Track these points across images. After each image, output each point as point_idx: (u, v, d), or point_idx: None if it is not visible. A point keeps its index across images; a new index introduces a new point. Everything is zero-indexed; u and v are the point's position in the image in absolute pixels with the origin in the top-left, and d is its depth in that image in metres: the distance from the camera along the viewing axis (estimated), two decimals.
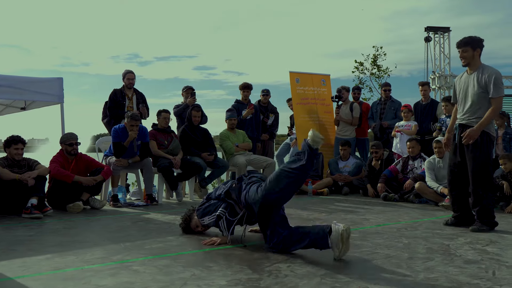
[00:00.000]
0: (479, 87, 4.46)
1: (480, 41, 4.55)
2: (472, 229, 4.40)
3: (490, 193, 4.53)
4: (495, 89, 4.38)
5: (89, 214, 5.54)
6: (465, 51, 4.52)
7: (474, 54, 4.51)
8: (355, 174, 7.86)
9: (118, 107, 7.13)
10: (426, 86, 8.31)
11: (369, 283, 2.70)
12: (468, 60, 4.54)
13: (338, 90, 8.67)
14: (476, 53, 4.52)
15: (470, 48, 4.51)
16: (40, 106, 7.99)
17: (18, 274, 2.93)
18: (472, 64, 4.55)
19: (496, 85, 4.39)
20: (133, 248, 3.64)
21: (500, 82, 4.46)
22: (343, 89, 8.72)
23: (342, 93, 8.61)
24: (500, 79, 4.47)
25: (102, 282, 2.75)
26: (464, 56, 4.53)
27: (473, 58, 4.52)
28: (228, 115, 7.70)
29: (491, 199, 4.50)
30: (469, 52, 4.51)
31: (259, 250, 3.58)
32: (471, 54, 4.51)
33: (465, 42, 4.52)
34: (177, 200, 6.85)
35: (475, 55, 4.51)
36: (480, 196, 4.46)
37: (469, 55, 4.51)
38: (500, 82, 4.47)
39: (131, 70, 7.37)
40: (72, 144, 5.91)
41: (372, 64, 17.74)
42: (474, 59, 4.52)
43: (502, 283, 2.71)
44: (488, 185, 4.49)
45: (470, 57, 4.52)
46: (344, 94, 8.65)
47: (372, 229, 4.49)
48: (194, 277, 2.82)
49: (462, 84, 4.65)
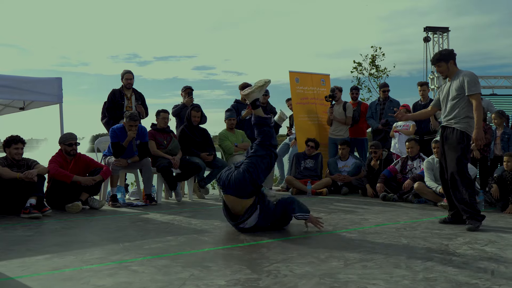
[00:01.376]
0: (455, 89, 4.73)
1: (450, 53, 4.89)
2: (468, 229, 4.48)
3: (469, 189, 4.65)
4: (469, 87, 4.61)
5: (88, 214, 5.54)
6: (440, 66, 4.86)
7: (448, 66, 4.81)
8: (354, 174, 7.86)
9: (116, 107, 7.13)
10: (425, 86, 8.31)
11: (368, 283, 2.70)
12: (445, 73, 4.88)
13: (332, 90, 8.68)
14: (450, 64, 4.81)
15: (444, 63, 4.83)
16: (39, 106, 7.99)
17: (17, 274, 2.93)
18: (450, 75, 4.86)
19: (470, 83, 4.62)
20: (132, 248, 3.64)
21: (474, 81, 4.66)
22: (336, 89, 8.72)
23: (335, 93, 8.61)
24: (474, 78, 4.68)
25: (100, 282, 2.75)
26: (441, 71, 4.89)
27: (449, 69, 4.82)
28: (227, 115, 7.70)
29: (471, 195, 4.64)
30: (443, 66, 4.84)
31: (258, 250, 3.58)
32: (446, 67, 4.83)
33: (437, 59, 4.86)
34: (176, 200, 6.85)
35: (449, 67, 4.81)
36: (460, 193, 4.66)
37: (444, 69, 4.84)
38: (475, 80, 4.67)
39: (129, 70, 7.38)
40: (72, 144, 5.90)
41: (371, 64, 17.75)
42: (450, 70, 4.83)
43: (501, 283, 2.71)
44: (465, 182, 4.65)
45: (446, 70, 4.84)
46: (337, 94, 8.65)
47: (371, 229, 4.49)
48: (193, 277, 2.82)
49: (443, 91, 4.94)
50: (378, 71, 17.75)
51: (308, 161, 8.08)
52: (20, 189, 5.30)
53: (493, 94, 12.76)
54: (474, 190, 4.75)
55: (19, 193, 5.32)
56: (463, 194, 4.62)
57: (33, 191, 5.31)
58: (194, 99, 7.73)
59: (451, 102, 4.77)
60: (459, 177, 4.64)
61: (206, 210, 6.00)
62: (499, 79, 14.21)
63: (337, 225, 4.71)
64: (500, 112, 7.01)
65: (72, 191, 5.77)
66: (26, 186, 5.31)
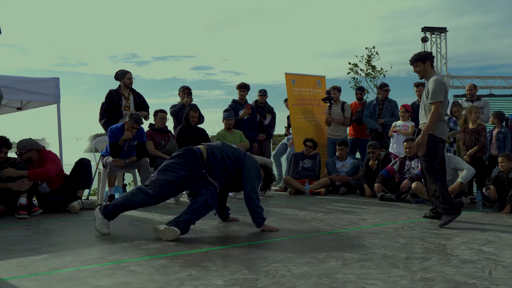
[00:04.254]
0: (425, 95, 4.97)
1: (428, 55, 5.09)
2: (439, 225, 4.68)
3: (439, 183, 4.83)
4: (431, 95, 4.83)
5: (86, 215, 5.53)
6: (417, 66, 5.03)
7: (425, 66, 5.00)
8: (352, 174, 7.87)
9: (114, 107, 7.11)
10: (421, 86, 8.29)
11: (366, 283, 2.70)
12: (422, 73, 5.06)
13: (327, 91, 8.69)
14: (427, 66, 5.00)
15: (421, 63, 5.01)
16: (36, 106, 7.97)
17: (14, 274, 2.92)
18: (426, 76, 5.05)
19: (432, 91, 4.82)
20: (130, 248, 3.63)
21: (437, 89, 4.81)
22: (335, 89, 8.72)
23: (333, 93, 8.61)
24: (437, 85, 4.83)
25: (98, 282, 2.74)
26: (417, 70, 5.06)
27: (425, 70, 5.01)
28: (225, 115, 7.69)
29: (442, 189, 4.81)
30: (420, 67, 5.01)
31: (256, 250, 3.58)
32: (423, 67, 5.00)
33: (415, 59, 5.03)
34: (174, 200, 6.84)
35: (426, 67, 5.00)
36: (433, 190, 4.87)
37: (421, 69, 5.01)
38: (437, 88, 4.82)
39: (128, 70, 7.35)
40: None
41: (367, 64, 17.80)
42: (426, 71, 5.01)
43: (499, 283, 2.72)
44: (437, 179, 4.84)
45: (423, 70, 5.02)
46: (336, 94, 8.65)
47: (369, 229, 4.50)
48: (191, 277, 2.82)
49: (423, 93, 5.11)
50: (374, 71, 17.79)
51: (306, 161, 8.09)
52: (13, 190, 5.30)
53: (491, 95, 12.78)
54: (445, 184, 4.92)
55: (13, 193, 5.31)
56: (434, 189, 4.84)
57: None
58: (193, 99, 7.72)
59: (424, 106, 4.98)
60: (428, 173, 4.87)
61: None
62: (497, 79, 14.24)
63: (335, 225, 4.71)
64: (495, 112, 7.03)
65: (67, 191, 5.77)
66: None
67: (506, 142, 6.67)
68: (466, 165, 6.19)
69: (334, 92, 8.66)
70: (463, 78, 14.35)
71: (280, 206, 6.38)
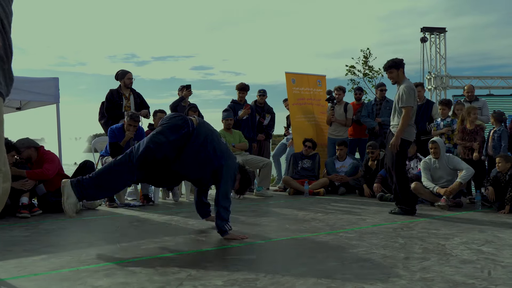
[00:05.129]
0: (396, 100, 5.35)
1: (401, 61, 5.40)
2: (390, 212, 5.43)
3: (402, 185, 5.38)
4: (402, 100, 5.23)
5: (85, 215, 5.53)
6: (391, 72, 5.37)
7: (399, 73, 5.35)
8: (351, 174, 7.87)
9: (115, 107, 7.10)
10: (420, 87, 8.30)
11: (365, 283, 2.70)
12: (395, 79, 5.41)
13: (329, 91, 8.69)
14: (400, 72, 5.36)
15: (394, 69, 5.35)
16: (35, 106, 7.97)
17: (14, 274, 2.92)
18: (399, 81, 5.40)
19: (403, 96, 5.22)
20: (129, 249, 3.63)
21: (407, 94, 5.21)
22: (340, 89, 8.72)
23: (338, 93, 8.62)
24: (408, 91, 5.22)
25: (97, 282, 2.74)
26: (391, 76, 5.40)
27: (398, 76, 5.37)
28: (225, 115, 7.69)
29: (403, 189, 5.39)
30: (394, 73, 5.36)
31: (256, 250, 3.58)
32: (396, 74, 5.35)
33: (389, 66, 5.36)
34: (173, 200, 6.85)
35: (399, 74, 5.36)
36: (394, 186, 5.42)
37: (395, 75, 5.36)
38: (408, 94, 5.21)
39: (128, 70, 7.35)
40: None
41: (364, 65, 17.81)
42: (399, 77, 5.37)
43: (498, 283, 2.72)
44: (398, 179, 5.37)
45: (396, 76, 5.37)
46: (340, 95, 8.66)
47: (368, 229, 4.50)
48: (190, 278, 2.82)
49: (395, 98, 5.47)
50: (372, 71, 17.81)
51: (305, 161, 8.09)
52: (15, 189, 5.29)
53: (490, 95, 12.79)
54: (407, 185, 5.49)
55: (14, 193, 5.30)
56: (396, 187, 5.39)
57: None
58: (192, 91, 7.71)
59: (395, 110, 5.38)
60: (393, 169, 5.37)
61: None
62: (496, 79, 14.24)
63: (335, 225, 4.71)
64: (494, 112, 7.03)
65: None
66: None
67: (502, 141, 6.66)
68: (466, 165, 6.19)
69: (339, 92, 8.66)
70: (462, 78, 14.36)
71: (280, 206, 6.38)
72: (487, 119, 7.59)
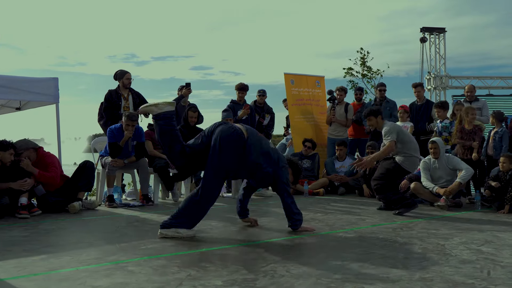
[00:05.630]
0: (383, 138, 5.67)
1: (379, 109, 5.88)
2: (394, 213, 5.51)
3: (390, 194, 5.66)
4: (385, 137, 5.56)
5: (85, 215, 5.53)
6: (370, 119, 5.73)
7: (377, 120, 5.70)
8: (351, 174, 7.87)
9: (114, 107, 7.10)
10: (419, 87, 8.31)
11: (364, 283, 2.70)
12: (374, 126, 5.80)
13: (330, 91, 8.69)
14: (379, 119, 5.70)
15: (373, 117, 5.70)
16: (35, 106, 7.96)
17: (13, 274, 2.92)
18: (378, 127, 5.74)
19: (385, 135, 5.54)
20: (129, 249, 3.63)
21: (388, 132, 5.52)
22: (342, 90, 8.73)
23: (340, 94, 8.63)
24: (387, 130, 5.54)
25: (97, 282, 2.74)
26: (371, 124, 5.79)
27: (377, 123, 5.72)
28: (224, 115, 7.69)
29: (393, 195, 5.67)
30: (373, 120, 5.71)
31: (255, 251, 3.58)
32: (375, 121, 5.71)
33: (367, 114, 5.74)
34: (173, 200, 6.84)
35: (378, 121, 5.71)
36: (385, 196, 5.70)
37: (373, 122, 5.73)
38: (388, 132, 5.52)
39: (127, 70, 7.35)
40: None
41: (362, 66, 17.81)
42: (378, 124, 5.72)
43: (497, 283, 2.72)
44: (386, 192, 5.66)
45: (375, 123, 5.74)
46: (342, 96, 8.67)
47: (367, 229, 4.50)
48: (189, 278, 2.82)
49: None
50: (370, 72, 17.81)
51: (305, 161, 8.09)
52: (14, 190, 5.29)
53: (489, 95, 12.80)
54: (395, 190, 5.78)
55: (13, 193, 5.30)
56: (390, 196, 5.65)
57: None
58: (192, 90, 7.69)
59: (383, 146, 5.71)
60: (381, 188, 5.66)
61: None
62: (496, 79, 14.26)
63: (334, 225, 4.72)
64: (494, 112, 7.04)
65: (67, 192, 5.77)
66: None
67: (503, 142, 6.66)
68: (465, 165, 6.19)
69: (340, 93, 8.67)
70: (461, 78, 14.37)
71: (279, 206, 6.34)
72: (486, 120, 7.59)
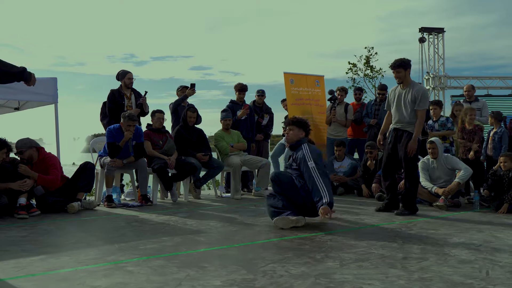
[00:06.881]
0: (410, 101, 5.36)
1: (409, 62, 5.46)
2: (396, 213, 5.42)
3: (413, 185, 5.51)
4: (420, 103, 5.32)
5: (83, 215, 5.52)
6: (399, 71, 5.40)
7: (406, 73, 5.40)
8: (350, 174, 7.87)
9: (117, 107, 7.09)
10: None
11: (363, 283, 2.71)
12: (402, 79, 5.44)
13: (331, 91, 8.69)
14: (407, 73, 5.41)
15: (402, 69, 5.39)
16: (34, 106, 7.95)
17: (12, 275, 2.92)
18: (405, 82, 5.44)
19: (422, 100, 5.32)
20: (128, 249, 3.63)
21: (425, 98, 5.38)
22: (342, 90, 8.73)
23: (340, 94, 8.63)
24: (426, 95, 5.40)
25: (96, 282, 2.74)
26: (399, 76, 5.42)
27: (405, 77, 5.41)
28: (223, 116, 7.69)
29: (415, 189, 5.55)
30: (401, 73, 5.39)
31: (254, 251, 3.58)
32: (404, 74, 5.39)
33: (398, 65, 5.38)
34: (172, 201, 6.84)
35: (406, 75, 5.40)
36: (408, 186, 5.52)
37: (402, 75, 5.40)
38: (426, 97, 5.39)
39: (128, 70, 7.35)
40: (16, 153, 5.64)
41: (365, 65, 17.83)
42: (406, 78, 5.42)
43: (496, 283, 2.73)
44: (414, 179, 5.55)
45: (403, 76, 5.41)
46: (342, 96, 8.67)
47: (366, 229, 4.50)
48: (188, 278, 2.82)
49: (396, 96, 5.53)
50: (372, 71, 17.84)
51: None
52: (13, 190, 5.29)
53: (488, 95, 12.82)
54: (417, 185, 5.60)
55: (12, 194, 5.30)
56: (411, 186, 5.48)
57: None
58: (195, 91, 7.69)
59: (405, 110, 5.40)
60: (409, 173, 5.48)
61: (202, 210, 5.99)
62: (494, 79, 14.28)
63: (333, 225, 4.72)
64: (493, 113, 7.04)
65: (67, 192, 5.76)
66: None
67: (503, 142, 6.67)
68: (464, 165, 6.19)
69: (341, 93, 8.68)
70: (460, 78, 14.40)
71: None
72: (486, 120, 7.60)
